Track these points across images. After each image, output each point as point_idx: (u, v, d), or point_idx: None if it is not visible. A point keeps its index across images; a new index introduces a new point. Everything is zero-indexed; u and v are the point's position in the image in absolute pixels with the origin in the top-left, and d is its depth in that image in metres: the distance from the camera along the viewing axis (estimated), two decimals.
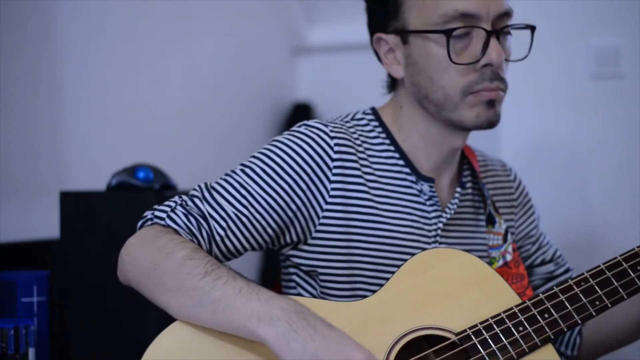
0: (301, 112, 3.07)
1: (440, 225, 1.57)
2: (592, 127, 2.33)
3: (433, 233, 1.56)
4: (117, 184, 1.92)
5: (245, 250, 1.47)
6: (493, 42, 1.47)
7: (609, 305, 1.42)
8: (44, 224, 2.14)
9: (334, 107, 3.04)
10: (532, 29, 1.54)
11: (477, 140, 1.80)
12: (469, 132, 1.57)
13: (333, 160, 1.49)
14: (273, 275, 2.75)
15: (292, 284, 1.58)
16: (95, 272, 1.87)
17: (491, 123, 1.51)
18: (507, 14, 1.50)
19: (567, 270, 1.74)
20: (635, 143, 2.26)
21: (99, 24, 2.39)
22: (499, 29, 1.48)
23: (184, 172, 2.29)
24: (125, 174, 1.93)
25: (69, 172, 2.29)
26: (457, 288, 1.41)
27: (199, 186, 1.48)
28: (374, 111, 1.60)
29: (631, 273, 1.43)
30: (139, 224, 1.45)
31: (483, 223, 1.64)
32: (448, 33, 1.46)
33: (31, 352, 1.76)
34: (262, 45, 3.05)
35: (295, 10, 3.12)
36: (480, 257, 1.47)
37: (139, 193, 1.89)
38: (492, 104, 1.50)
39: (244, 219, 1.44)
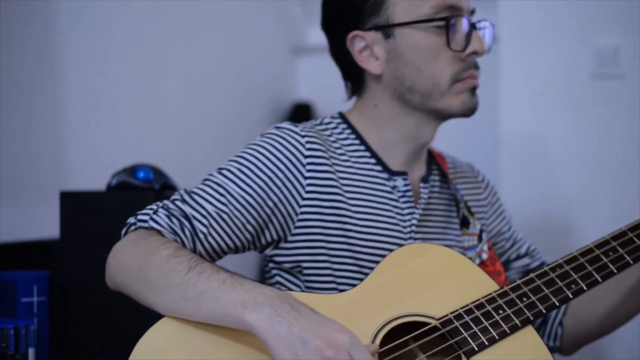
0: (301, 112, 3.07)
1: (415, 221, 1.60)
2: (592, 127, 2.33)
3: (408, 229, 1.60)
4: (117, 184, 1.93)
5: (229, 248, 1.51)
6: (475, 32, 1.58)
7: (585, 288, 1.45)
8: (44, 224, 2.14)
9: (334, 107, 3.01)
10: (493, 25, 1.65)
11: (477, 140, 1.81)
12: (439, 124, 1.63)
13: (305, 157, 1.54)
14: None
15: (276, 286, 1.60)
16: (95, 272, 1.86)
17: (474, 110, 1.60)
18: (474, 11, 1.61)
19: (542, 264, 1.78)
20: (634, 143, 2.26)
21: (99, 24, 2.39)
22: (475, 23, 1.60)
23: (184, 172, 2.29)
24: (125, 174, 1.93)
25: (69, 172, 2.29)
26: (437, 278, 1.45)
27: (179, 192, 1.53)
28: (341, 115, 1.66)
29: (603, 258, 1.47)
30: (124, 230, 1.49)
31: (456, 225, 1.68)
32: (448, 20, 1.54)
33: (31, 352, 1.76)
34: (262, 45, 3.06)
35: (295, 10, 3.12)
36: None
37: (139, 193, 1.89)
38: (474, 91, 1.59)
39: (224, 216, 1.48)
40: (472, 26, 1.57)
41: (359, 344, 1.25)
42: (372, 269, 1.45)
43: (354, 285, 1.43)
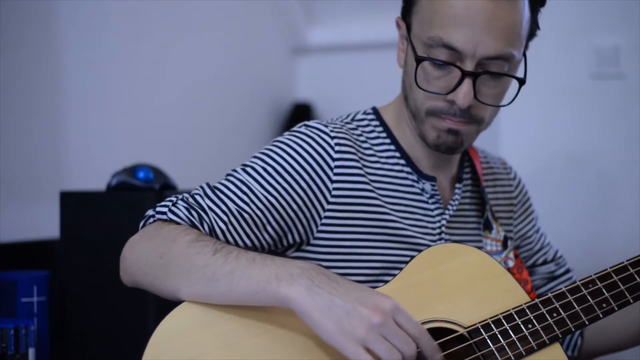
0: (301, 112, 3.07)
1: (444, 222, 1.56)
2: (592, 127, 2.33)
3: (437, 230, 1.56)
4: (117, 184, 1.93)
5: (247, 247, 1.45)
6: (466, 83, 1.41)
7: (616, 309, 1.42)
8: (44, 224, 2.14)
9: (334, 107, 3.04)
10: (521, 82, 1.49)
11: (477, 139, 1.80)
12: None
13: (334, 159, 1.48)
14: None
15: None
16: (95, 272, 1.87)
17: (450, 149, 1.48)
18: (501, 57, 1.42)
19: (567, 271, 1.75)
20: (635, 143, 2.26)
21: (99, 24, 2.39)
22: (479, 72, 1.41)
23: (184, 172, 2.29)
24: (125, 174, 1.93)
25: (69, 172, 2.30)
26: (468, 283, 1.42)
27: (201, 186, 1.48)
28: (375, 111, 1.59)
29: (637, 277, 1.44)
30: (142, 223, 1.45)
31: (482, 225, 1.65)
32: (419, 61, 1.43)
33: (31, 352, 1.76)
34: (262, 45, 3.06)
35: (295, 10, 3.12)
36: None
37: (139, 193, 1.89)
38: (455, 132, 1.46)
39: (245, 215, 1.43)
40: (470, 75, 1.40)
41: (402, 308, 1.23)
42: (399, 269, 1.41)
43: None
